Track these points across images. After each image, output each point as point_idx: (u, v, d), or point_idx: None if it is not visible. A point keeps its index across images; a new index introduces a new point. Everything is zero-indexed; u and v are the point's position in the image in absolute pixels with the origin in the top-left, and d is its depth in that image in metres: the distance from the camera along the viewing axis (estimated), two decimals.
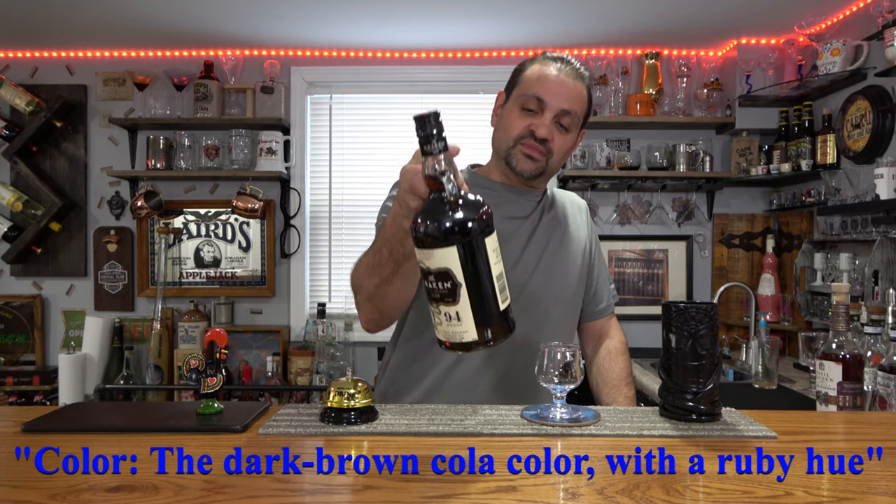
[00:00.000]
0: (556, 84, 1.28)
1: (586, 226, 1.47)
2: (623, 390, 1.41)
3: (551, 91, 1.27)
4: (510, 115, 1.31)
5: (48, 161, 3.18)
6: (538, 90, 1.27)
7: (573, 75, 1.29)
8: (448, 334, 0.79)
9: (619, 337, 1.50)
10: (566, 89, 1.28)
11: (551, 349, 0.97)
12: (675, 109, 3.09)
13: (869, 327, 1.57)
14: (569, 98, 1.28)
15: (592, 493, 0.68)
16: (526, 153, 1.29)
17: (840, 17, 2.64)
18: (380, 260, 1.07)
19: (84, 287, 3.22)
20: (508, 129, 1.31)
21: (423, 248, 0.77)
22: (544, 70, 1.29)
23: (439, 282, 0.76)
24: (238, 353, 3.10)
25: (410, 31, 2.91)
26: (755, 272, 3.17)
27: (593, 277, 1.47)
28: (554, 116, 1.28)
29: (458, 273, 0.76)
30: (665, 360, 0.98)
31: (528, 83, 1.30)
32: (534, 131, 1.27)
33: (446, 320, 0.78)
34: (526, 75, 1.31)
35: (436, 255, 0.76)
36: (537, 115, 1.28)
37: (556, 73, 1.28)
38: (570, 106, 1.28)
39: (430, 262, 0.76)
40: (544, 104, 1.27)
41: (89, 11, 2.66)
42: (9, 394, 2.95)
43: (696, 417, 0.94)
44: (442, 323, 0.78)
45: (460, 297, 0.76)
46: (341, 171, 3.26)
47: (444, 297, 0.77)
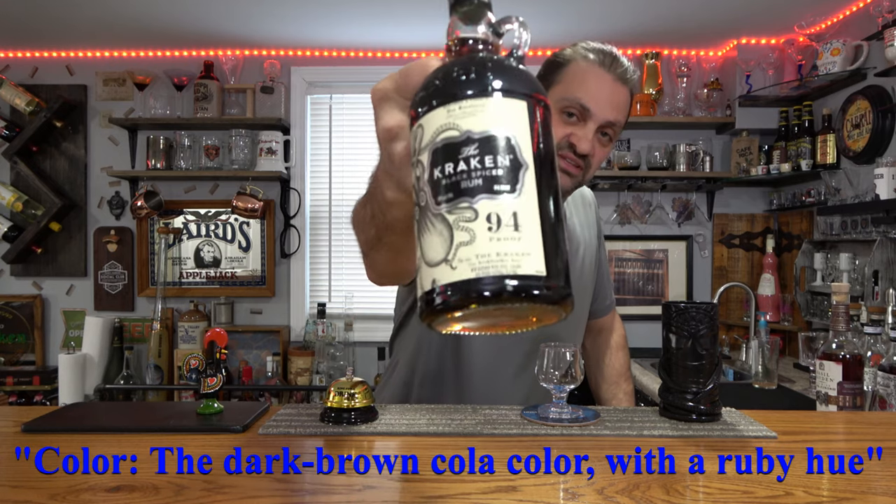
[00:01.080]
0: (604, 91, 1.10)
1: (595, 221, 1.40)
2: (622, 385, 1.40)
3: (599, 100, 1.10)
4: None
5: (48, 161, 3.18)
6: (584, 97, 1.09)
7: (622, 79, 1.12)
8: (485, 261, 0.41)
9: (620, 331, 1.49)
10: (614, 96, 1.11)
11: (551, 349, 0.97)
12: (675, 109, 3.09)
13: (869, 327, 1.57)
14: (616, 108, 1.12)
15: (592, 493, 0.68)
16: (562, 168, 1.11)
17: (840, 17, 2.64)
18: (364, 216, 0.79)
19: (84, 287, 3.22)
20: None
21: (466, 98, 0.45)
22: (591, 70, 1.11)
23: (488, 155, 0.43)
24: (238, 353, 3.10)
25: (410, 31, 2.91)
26: (755, 272, 3.17)
27: (601, 273, 1.42)
28: (598, 127, 1.11)
29: (525, 145, 0.44)
30: (665, 360, 0.98)
31: (572, 84, 1.11)
32: (575, 144, 1.10)
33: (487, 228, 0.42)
34: (569, 72, 1.12)
35: (491, 109, 0.44)
36: (579, 124, 1.11)
37: (605, 75, 1.11)
38: (616, 117, 1.12)
39: (474, 122, 0.44)
40: (589, 114, 1.10)
41: (89, 11, 2.66)
42: (9, 394, 2.95)
43: (696, 417, 0.94)
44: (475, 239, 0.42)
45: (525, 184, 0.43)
46: (341, 171, 3.26)
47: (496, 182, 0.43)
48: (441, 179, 0.44)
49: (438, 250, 0.43)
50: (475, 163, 0.43)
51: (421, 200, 0.45)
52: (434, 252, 0.43)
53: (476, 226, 0.42)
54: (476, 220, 0.42)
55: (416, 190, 0.46)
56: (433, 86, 0.47)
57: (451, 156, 0.43)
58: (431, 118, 0.45)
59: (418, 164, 0.46)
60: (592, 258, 1.34)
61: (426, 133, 0.45)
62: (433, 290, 0.43)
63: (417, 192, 0.46)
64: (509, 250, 0.41)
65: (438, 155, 0.44)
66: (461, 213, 0.42)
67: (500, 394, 1.19)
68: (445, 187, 0.43)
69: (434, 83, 0.47)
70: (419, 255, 0.45)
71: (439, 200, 0.44)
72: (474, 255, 0.41)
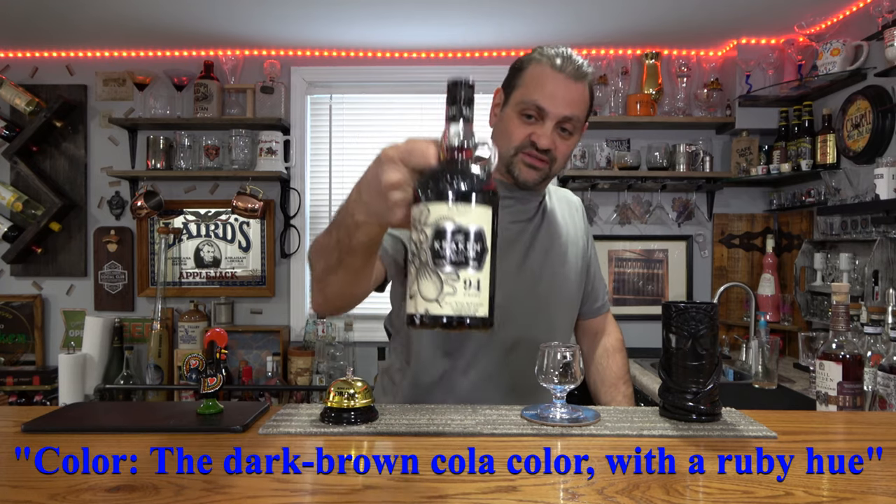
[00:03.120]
0: (557, 89, 1.20)
1: (582, 224, 1.46)
2: (621, 388, 1.40)
3: (552, 98, 1.20)
4: (510, 122, 1.25)
5: (48, 161, 3.18)
6: (538, 98, 1.20)
7: (575, 75, 1.21)
8: (460, 306, 0.70)
9: (616, 334, 1.49)
10: (568, 94, 1.21)
11: (551, 349, 0.97)
12: (675, 109, 3.09)
13: (869, 327, 1.57)
14: (570, 103, 1.21)
15: (592, 493, 0.68)
16: (528, 163, 1.24)
17: (840, 17, 2.64)
18: (329, 243, 0.94)
19: (84, 287, 3.22)
20: (509, 136, 1.24)
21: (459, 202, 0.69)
22: (544, 73, 1.21)
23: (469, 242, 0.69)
24: (238, 353, 3.10)
25: (410, 31, 2.91)
26: (755, 272, 3.17)
27: (590, 276, 1.46)
28: (556, 124, 1.22)
29: (488, 237, 0.70)
30: (665, 360, 0.98)
31: (528, 88, 1.23)
32: (535, 142, 1.21)
33: (464, 288, 0.70)
34: (525, 77, 1.24)
35: (474, 213, 0.69)
36: (538, 123, 1.22)
37: (558, 75, 1.21)
38: (572, 111, 1.22)
39: (464, 219, 0.69)
40: (545, 113, 1.21)
41: (90, 11, 2.66)
42: (9, 394, 2.95)
43: (696, 417, 0.94)
44: (456, 292, 0.69)
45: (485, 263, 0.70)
46: (341, 171, 3.26)
47: (471, 261, 0.70)
48: (439, 250, 0.68)
49: (431, 292, 0.69)
50: (461, 246, 0.69)
51: (422, 256, 0.69)
52: (428, 292, 0.69)
53: (457, 285, 0.69)
54: (458, 281, 0.69)
55: (417, 247, 0.70)
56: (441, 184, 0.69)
57: (447, 237, 0.68)
58: (436, 207, 0.69)
59: (422, 232, 0.69)
60: (578, 252, 1.40)
61: (431, 215, 0.69)
62: (425, 314, 0.69)
63: (418, 250, 0.70)
64: (472, 301, 0.69)
65: (439, 234, 0.68)
66: (449, 276, 0.69)
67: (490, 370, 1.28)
68: (440, 256, 0.68)
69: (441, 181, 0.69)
70: (416, 289, 0.70)
71: (437, 263, 0.68)
72: (454, 302, 0.69)
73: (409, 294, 0.72)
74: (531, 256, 1.32)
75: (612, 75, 3.10)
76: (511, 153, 1.25)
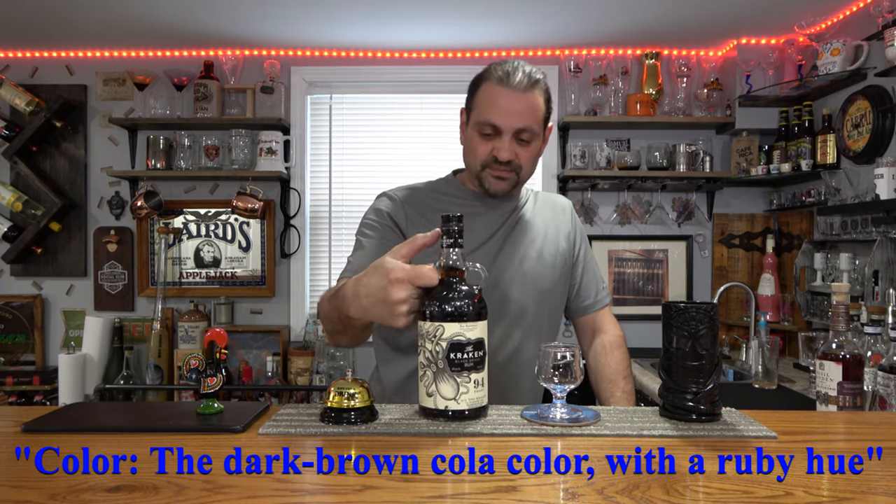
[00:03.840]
0: (507, 106, 1.28)
1: (569, 225, 1.49)
2: (620, 384, 1.40)
3: (505, 114, 1.28)
4: (472, 141, 1.34)
5: (48, 161, 3.18)
6: (491, 117, 1.29)
7: (524, 87, 1.28)
8: (472, 401, 0.91)
9: (614, 331, 1.49)
10: (518, 107, 1.28)
11: (551, 349, 0.97)
12: (675, 109, 3.09)
13: (869, 327, 1.57)
14: (522, 116, 1.29)
15: (592, 493, 0.68)
16: (495, 176, 1.33)
17: (840, 17, 2.64)
18: (332, 315, 1.08)
19: (84, 287, 3.22)
20: (474, 154, 1.34)
21: (466, 321, 0.90)
22: (494, 91, 1.30)
23: (476, 351, 0.90)
24: (238, 353, 3.10)
25: (410, 31, 2.91)
26: (755, 272, 3.17)
27: (577, 275, 1.49)
28: (512, 136, 1.30)
29: (485, 342, 0.93)
30: (665, 360, 0.98)
31: (482, 108, 1.31)
32: (497, 156, 1.30)
33: (474, 387, 0.91)
34: (479, 98, 1.33)
35: (478, 327, 0.91)
36: (496, 138, 1.30)
37: (506, 91, 1.28)
38: (525, 123, 1.29)
39: (472, 334, 0.90)
40: (499, 129, 1.29)
41: (90, 11, 2.66)
42: (9, 394, 2.95)
43: (696, 417, 0.94)
44: (469, 391, 0.91)
45: (486, 364, 0.93)
46: (341, 171, 3.26)
47: (477, 365, 0.91)
48: (454, 360, 0.90)
49: (450, 392, 0.91)
50: (471, 355, 0.91)
51: (439, 363, 0.90)
52: (447, 393, 0.91)
53: (470, 385, 0.91)
54: (470, 382, 0.91)
55: (434, 356, 0.90)
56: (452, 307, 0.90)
57: (461, 349, 0.90)
58: (449, 326, 0.90)
59: (438, 344, 0.90)
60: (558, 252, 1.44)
61: (446, 332, 0.90)
62: (446, 410, 0.91)
63: (435, 358, 0.90)
64: (481, 396, 0.93)
65: (454, 347, 0.89)
66: (463, 379, 0.91)
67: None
68: (457, 364, 0.90)
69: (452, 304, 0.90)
70: (434, 389, 0.91)
71: (453, 370, 0.90)
72: (468, 399, 0.91)
73: (426, 391, 0.91)
74: (501, 258, 1.37)
75: (612, 75, 3.10)
76: (478, 169, 1.34)
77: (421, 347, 0.92)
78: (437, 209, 1.37)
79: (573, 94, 3.11)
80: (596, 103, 3.09)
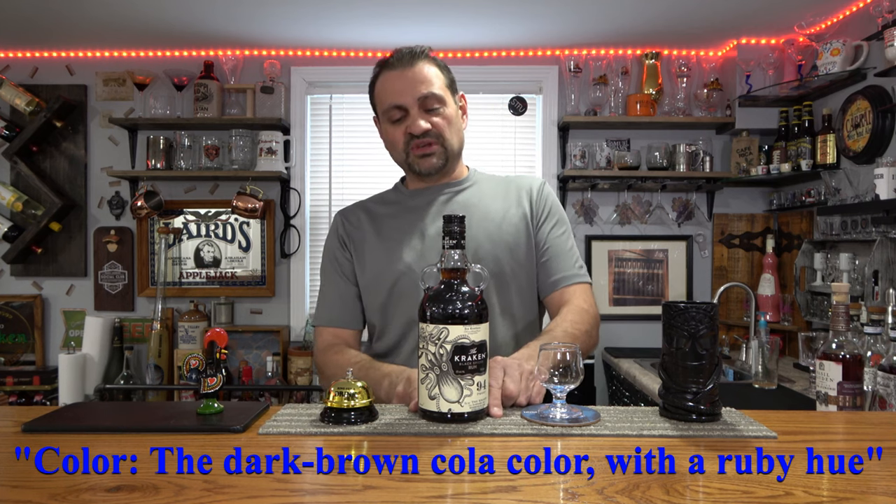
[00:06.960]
0: (398, 83, 1.31)
1: (528, 202, 1.40)
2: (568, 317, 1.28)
3: (399, 92, 1.31)
4: (388, 132, 1.37)
5: (48, 161, 3.18)
6: (390, 99, 1.32)
7: (408, 62, 1.32)
8: (475, 404, 0.91)
9: (578, 302, 1.35)
10: (409, 79, 1.31)
11: (551, 349, 0.97)
12: (675, 109, 3.09)
13: (869, 327, 1.57)
14: (414, 84, 1.30)
15: (592, 493, 0.68)
16: (419, 154, 1.34)
17: (840, 17, 2.64)
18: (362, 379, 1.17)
19: (84, 287, 3.22)
20: (394, 143, 1.36)
21: (470, 323, 0.90)
22: (384, 78, 1.34)
23: (479, 353, 0.91)
24: (238, 353, 3.10)
25: (410, 32, 2.91)
26: (755, 272, 3.17)
27: (542, 251, 1.39)
28: (418, 109, 1.31)
29: (487, 344, 0.94)
30: (665, 360, 0.98)
31: (381, 98, 1.35)
32: (412, 133, 1.32)
33: (477, 390, 0.91)
34: (376, 93, 1.37)
35: (481, 329, 0.91)
36: (405, 118, 1.33)
37: (393, 73, 1.32)
38: (425, 90, 1.31)
39: (476, 336, 0.90)
40: (402, 106, 1.32)
41: (90, 11, 2.66)
42: (9, 394, 2.95)
43: (696, 417, 0.94)
44: (472, 394, 0.91)
45: (486, 366, 0.93)
46: (341, 171, 3.26)
47: (480, 368, 0.91)
48: (458, 363, 0.90)
49: (453, 395, 0.90)
50: (474, 357, 0.91)
51: (443, 367, 0.90)
52: (450, 396, 0.90)
53: (473, 388, 0.91)
54: (473, 385, 0.91)
55: (437, 359, 0.90)
56: (456, 309, 0.91)
57: (465, 352, 0.90)
58: (453, 329, 0.90)
59: (442, 347, 0.90)
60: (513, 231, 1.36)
61: (451, 335, 0.90)
62: (449, 412, 0.91)
63: (439, 361, 0.90)
64: (482, 398, 0.93)
65: (458, 350, 0.90)
66: (467, 381, 0.91)
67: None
68: (461, 367, 0.90)
69: (456, 307, 0.91)
70: (438, 392, 0.91)
71: (457, 372, 0.90)
72: (471, 401, 0.91)
73: (429, 394, 0.91)
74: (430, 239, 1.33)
75: (612, 75, 3.10)
76: (404, 156, 1.36)
77: (423, 350, 0.91)
78: (384, 214, 1.41)
79: (573, 94, 3.11)
80: (596, 103, 3.09)
